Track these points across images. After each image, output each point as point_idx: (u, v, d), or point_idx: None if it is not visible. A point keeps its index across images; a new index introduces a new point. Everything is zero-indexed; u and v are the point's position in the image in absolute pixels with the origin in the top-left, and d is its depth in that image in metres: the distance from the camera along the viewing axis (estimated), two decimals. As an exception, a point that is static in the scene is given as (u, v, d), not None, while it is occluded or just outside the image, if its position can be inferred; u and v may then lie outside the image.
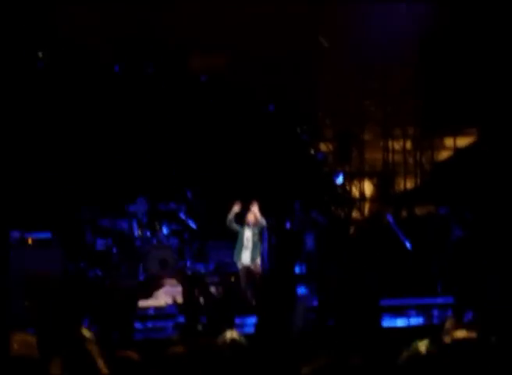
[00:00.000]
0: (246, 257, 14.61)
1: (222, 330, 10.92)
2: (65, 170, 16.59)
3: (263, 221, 14.68)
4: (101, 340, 5.46)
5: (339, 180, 17.88)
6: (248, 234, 14.66)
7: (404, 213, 17.42)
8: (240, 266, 14.71)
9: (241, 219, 14.72)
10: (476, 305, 9.29)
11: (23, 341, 6.01)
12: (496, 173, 16.98)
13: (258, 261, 14.72)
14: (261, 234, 14.84)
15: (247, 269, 14.62)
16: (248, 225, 14.59)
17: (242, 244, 14.64)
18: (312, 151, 18.16)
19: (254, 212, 14.59)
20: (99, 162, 16.82)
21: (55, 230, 15.03)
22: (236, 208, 14.64)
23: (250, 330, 13.06)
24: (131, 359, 3.68)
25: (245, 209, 14.71)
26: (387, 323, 13.15)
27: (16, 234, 14.82)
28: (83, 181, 16.61)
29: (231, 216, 14.63)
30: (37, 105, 16.83)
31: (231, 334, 4.20)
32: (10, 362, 5.23)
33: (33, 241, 14.86)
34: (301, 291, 16.28)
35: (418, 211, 17.44)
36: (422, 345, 4.12)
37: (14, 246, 14.64)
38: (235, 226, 14.64)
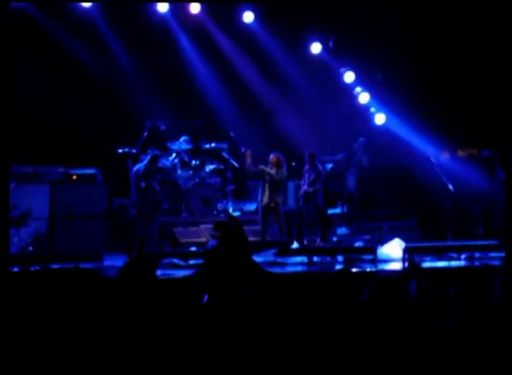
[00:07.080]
0: (265, 196, 14.90)
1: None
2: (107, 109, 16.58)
3: (283, 166, 14.99)
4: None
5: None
6: (268, 176, 14.89)
7: (447, 155, 17.27)
8: (261, 204, 15.08)
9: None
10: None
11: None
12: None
13: (278, 200, 14.95)
14: (280, 175, 15.00)
15: (267, 207, 14.85)
16: (270, 165, 14.85)
17: (264, 185, 15.06)
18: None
19: (276, 155, 15.02)
20: (143, 99, 16.80)
21: (100, 166, 15.17)
22: (248, 156, 15.07)
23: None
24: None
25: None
26: (429, 264, 13.22)
27: (61, 169, 15.01)
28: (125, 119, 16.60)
29: (248, 162, 15.07)
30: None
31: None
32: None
33: (77, 176, 15.05)
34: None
35: (461, 153, 17.28)
36: None
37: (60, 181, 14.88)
38: (256, 169, 15.05)
